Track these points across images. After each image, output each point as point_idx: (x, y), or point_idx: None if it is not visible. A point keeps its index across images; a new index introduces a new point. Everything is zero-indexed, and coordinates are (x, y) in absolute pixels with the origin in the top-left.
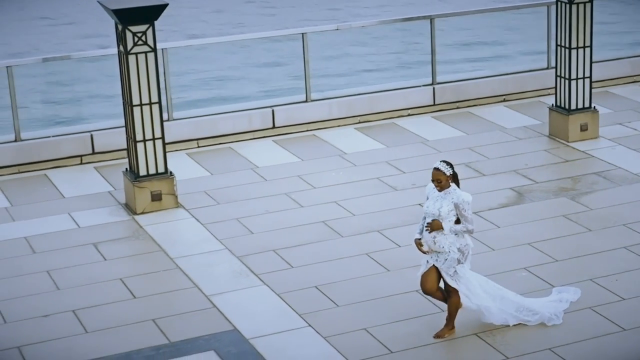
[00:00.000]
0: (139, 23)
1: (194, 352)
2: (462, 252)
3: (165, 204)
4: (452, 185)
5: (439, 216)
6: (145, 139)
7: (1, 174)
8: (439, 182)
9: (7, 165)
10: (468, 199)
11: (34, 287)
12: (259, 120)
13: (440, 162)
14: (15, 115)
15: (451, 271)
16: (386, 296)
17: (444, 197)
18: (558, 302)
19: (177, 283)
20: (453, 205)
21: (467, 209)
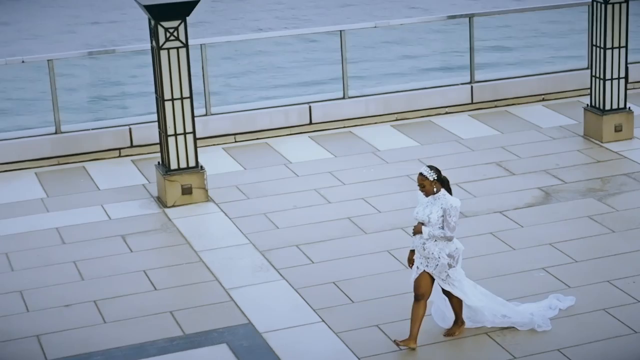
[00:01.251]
0: (171, 19)
1: (206, 345)
2: (452, 257)
3: (196, 197)
4: (441, 191)
5: (428, 222)
6: (176, 133)
7: (41, 166)
8: (423, 187)
9: (46, 157)
10: (456, 204)
11: (59, 277)
12: (296, 116)
13: (425, 167)
14: (55, 107)
15: (443, 275)
16: (401, 293)
17: (434, 203)
18: (547, 308)
19: (198, 276)
20: (442, 210)
21: (452, 215)
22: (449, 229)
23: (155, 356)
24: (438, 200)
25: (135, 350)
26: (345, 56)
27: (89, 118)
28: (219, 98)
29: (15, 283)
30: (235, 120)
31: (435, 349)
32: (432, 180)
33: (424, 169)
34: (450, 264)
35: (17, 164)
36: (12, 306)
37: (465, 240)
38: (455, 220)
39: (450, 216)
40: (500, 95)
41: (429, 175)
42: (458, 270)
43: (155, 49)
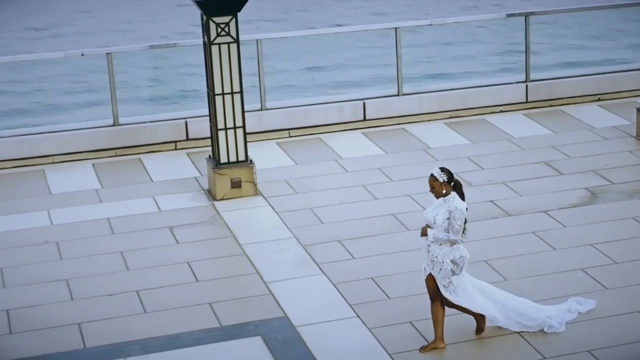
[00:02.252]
0: (223, 14)
1: (241, 337)
2: (456, 264)
3: (245, 191)
4: (451, 194)
5: (433, 224)
6: (226, 128)
7: (99, 157)
8: (432, 187)
9: (104, 148)
10: (462, 207)
11: (105, 267)
12: (350, 113)
13: (437, 168)
14: (113, 100)
15: (445, 282)
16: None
17: (442, 205)
18: (567, 311)
19: (240, 269)
20: (448, 213)
21: (457, 218)
22: (453, 232)
23: (191, 347)
24: (447, 203)
25: (171, 340)
26: (399, 53)
27: (147, 111)
28: (275, 93)
29: (62, 271)
30: (290, 116)
31: (465, 347)
32: (442, 182)
33: (435, 170)
34: (453, 271)
35: (76, 154)
36: (57, 294)
37: (506, 240)
38: (460, 224)
39: (455, 219)
40: (556, 95)
41: (439, 176)
42: (462, 278)
43: (207, 44)
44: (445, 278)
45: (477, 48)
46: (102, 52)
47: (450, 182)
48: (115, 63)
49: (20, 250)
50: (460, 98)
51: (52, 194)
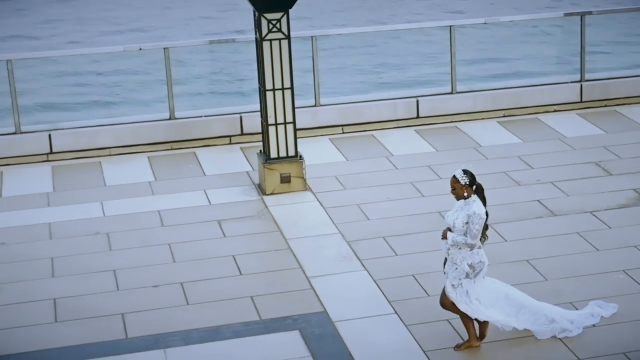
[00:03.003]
0: (274, 11)
1: (279, 331)
2: (472, 268)
3: (294, 186)
4: (472, 197)
5: (453, 227)
6: (277, 123)
7: (154, 150)
8: (453, 189)
9: (160, 141)
10: (480, 212)
11: (152, 259)
12: (404, 110)
13: (459, 170)
14: (170, 94)
15: (455, 282)
16: None
17: (463, 209)
18: (589, 315)
19: (284, 263)
20: (467, 216)
21: (475, 223)
22: (470, 236)
23: (229, 339)
24: (467, 206)
25: (211, 332)
26: (453, 51)
27: (205, 105)
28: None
29: (110, 262)
30: (343, 112)
31: (499, 347)
32: (463, 185)
33: (458, 172)
34: (468, 274)
35: (132, 147)
36: (104, 284)
37: (550, 239)
38: (478, 228)
39: (474, 224)
40: (610, 95)
41: (461, 179)
42: (472, 285)
43: (258, 40)
44: (457, 278)
45: (534, 47)
46: (159, 47)
47: (472, 185)
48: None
49: (72, 240)
50: (514, 97)
51: (107, 185)
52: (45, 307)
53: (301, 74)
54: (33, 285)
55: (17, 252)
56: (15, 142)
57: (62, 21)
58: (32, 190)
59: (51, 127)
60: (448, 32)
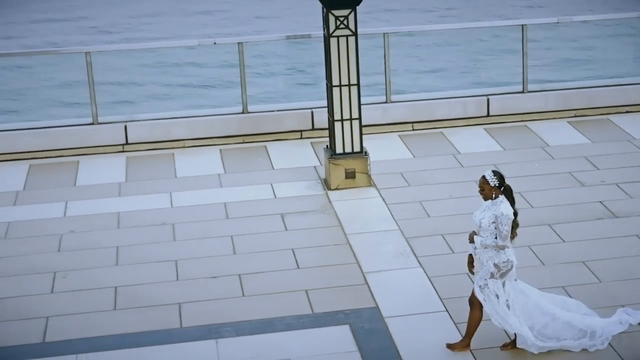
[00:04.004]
0: (342, 7)
1: (329, 325)
2: (498, 268)
3: (358, 182)
4: (500, 197)
5: (479, 227)
6: (342, 119)
7: (227, 143)
8: (482, 190)
9: (233, 135)
10: (508, 213)
11: (213, 250)
12: (474, 108)
13: (489, 171)
14: (243, 88)
15: (482, 282)
16: (539, 288)
17: (490, 209)
18: (617, 323)
19: (341, 258)
20: (494, 217)
21: (504, 224)
22: (501, 238)
23: (280, 332)
24: (494, 207)
25: (263, 324)
26: (526, 50)
27: (275, 100)
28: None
29: (173, 253)
30: (414, 109)
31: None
32: (493, 186)
33: (488, 173)
34: (493, 274)
35: (205, 140)
36: (164, 274)
37: (608, 241)
38: (507, 229)
39: (502, 225)
40: None
41: (490, 180)
42: (499, 285)
43: (326, 36)
44: (483, 279)
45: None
46: (233, 42)
47: (501, 187)
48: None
49: (139, 230)
50: (586, 97)
51: (177, 177)
52: (106, 295)
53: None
54: (96, 272)
55: (84, 240)
56: (92, 132)
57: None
58: (105, 180)
59: (127, 119)
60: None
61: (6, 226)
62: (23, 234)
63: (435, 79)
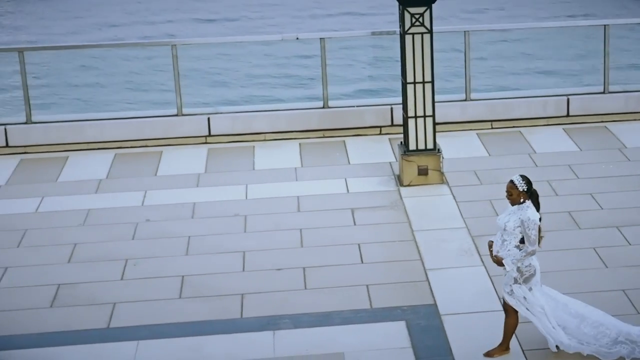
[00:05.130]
0: (418, 5)
1: (386, 320)
2: (520, 273)
3: (431, 179)
4: (526, 203)
5: (504, 230)
6: (416, 116)
7: (307, 137)
8: (510, 194)
9: (313, 129)
10: (534, 218)
11: (281, 243)
12: (553, 108)
13: (518, 175)
14: (324, 84)
15: (508, 289)
16: (597, 291)
17: (516, 213)
18: None
19: (406, 254)
20: (520, 222)
21: (531, 228)
22: (529, 242)
23: (336, 325)
24: (520, 211)
25: (321, 317)
26: (607, 50)
27: (356, 95)
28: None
29: (242, 244)
30: (492, 108)
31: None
32: (521, 191)
33: (516, 178)
34: (516, 279)
35: (286, 133)
36: (231, 265)
37: None
38: (535, 234)
39: (529, 229)
40: None
41: (519, 184)
42: (523, 289)
43: (401, 33)
44: (508, 285)
45: None
46: (315, 37)
47: (528, 191)
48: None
49: (211, 220)
50: None
51: (255, 169)
52: (172, 283)
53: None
54: (166, 261)
55: (158, 229)
56: (176, 124)
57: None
58: (185, 170)
59: (211, 111)
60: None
61: (86, 213)
62: (101, 221)
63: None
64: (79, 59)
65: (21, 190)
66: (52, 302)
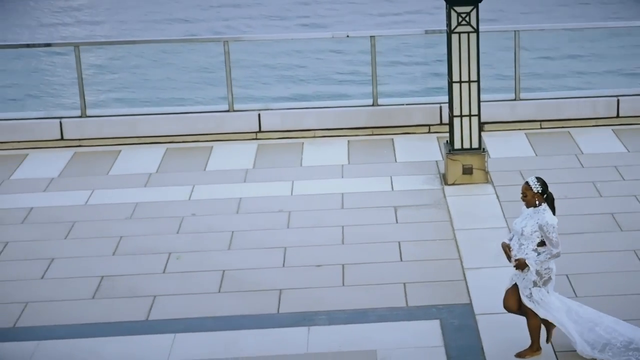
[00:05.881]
0: (464, 4)
1: (420, 319)
2: (540, 276)
3: (475, 178)
4: (542, 206)
5: (521, 235)
6: (462, 115)
7: (356, 135)
8: (524, 196)
9: (362, 127)
10: (553, 222)
11: (323, 239)
12: (603, 108)
13: (533, 177)
14: (374, 81)
15: (527, 292)
16: (638, 294)
17: (532, 217)
18: None
19: (445, 253)
20: (538, 226)
21: (551, 232)
22: (553, 246)
23: (371, 323)
24: (537, 215)
25: (356, 314)
26: None
27: (404, 93)
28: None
29: (284, 240)
30: (542, 108)
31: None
32: (535, 192)
33: (531, 179)
34: (535, 282)
35: (335, 130)
36: (272, 260)
37: None
38: (556, 236)
39: (550, 233)
40: None
41: (533, 186)
42: (542, 292)
43: (448, 32)
44: (527, 288)
45: None
46: (365, 35)
47: (543, 193)
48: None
49: (256, 216)
50: None
51: (303, 166)
52: (213, 278)
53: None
54: (208, 255)
55: (203, 224)
56: (227, 119)
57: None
58: (233, 166)
59: (261, 107)
60: None
61: (134, 207)
62: (148, 214)
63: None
64: (151, 54)
65: (73, 183)
66: (94, 293)
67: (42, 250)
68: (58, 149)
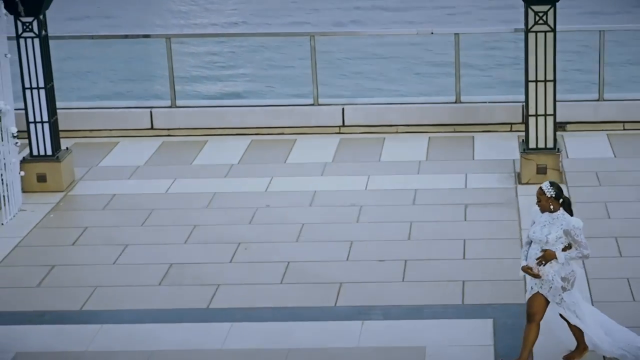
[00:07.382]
0: (542, 3)
1: (474, 317)
2: (567, 280)
3: (549, 177)
4: (559, 211)
5: (546, 243)
6: (537, 114)
7: (437, 131)
8: (539, 200)
9: (444, 123)
10: (579, 224)
11: (389, 234)
12: None
13: (547, 182)
14: (457, 78)
15: (558, 299)
16: None
17: (552, 223)
18: None
19: (508, 252)
20: (562, 231)
21: (579, 234)
22: (583, 247)
23: (424, 319)
24: (557, 220)
25: (411, 311)
26: None
27: (488, 91)
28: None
29: (351, 234)
30: (625, 109)
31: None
32: (549, 197)
33: (545, 184)
34: (564, 287)
35: (417, 127)
36: (337, 254)
37: None
38: (584, 237)
39: (578, 235)
40: None
41: (547, 191)
42: (573, 294)
43: (525, 31)
44: (557, 295)
45: None
46: (450, 32)
47: (558, 198)
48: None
49: (327, 209)
50: None
51: (381, 161)
52: (277, 269)
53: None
54: (276, 247)
55: (275, 215)
56: (311, 113)
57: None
58: (313, 159)
59: (345, 102)
60: None
61: (211, 197)
62: (224, 204)
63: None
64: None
65: (157, 172)
66: (161, 280)
67: (118, 236)
68: (148, 137)
